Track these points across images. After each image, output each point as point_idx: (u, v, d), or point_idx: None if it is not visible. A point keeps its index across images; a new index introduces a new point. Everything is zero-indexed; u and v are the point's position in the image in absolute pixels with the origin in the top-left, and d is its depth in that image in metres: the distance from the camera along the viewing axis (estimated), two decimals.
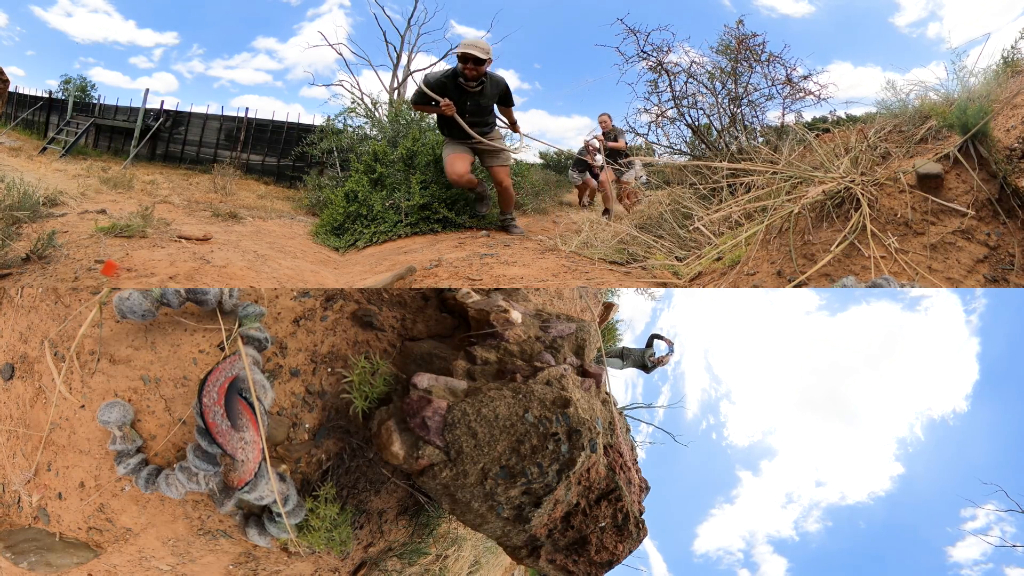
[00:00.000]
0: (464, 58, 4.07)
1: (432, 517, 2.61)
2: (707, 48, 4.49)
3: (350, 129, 8.03)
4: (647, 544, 2.32)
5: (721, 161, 3.65)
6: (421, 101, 4.34)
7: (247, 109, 11.04)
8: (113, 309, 2.00)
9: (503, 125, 4.90)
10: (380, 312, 2.38)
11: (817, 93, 4.12)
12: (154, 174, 8.11)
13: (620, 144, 6.12)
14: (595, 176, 6.71)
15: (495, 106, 4.61)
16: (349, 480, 2.17)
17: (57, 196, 4.90)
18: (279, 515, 1.95)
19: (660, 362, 4.98)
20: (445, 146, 4.64)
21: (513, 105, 4.69)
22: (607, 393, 2.28)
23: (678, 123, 4.51)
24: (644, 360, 4.99)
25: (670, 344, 5.01)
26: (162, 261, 2.97)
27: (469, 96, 4.26)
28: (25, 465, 2.12)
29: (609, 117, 6.46)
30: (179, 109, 10.54)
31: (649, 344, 5.05)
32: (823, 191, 2.47)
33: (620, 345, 5.44)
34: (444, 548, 2.97)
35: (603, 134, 6.30)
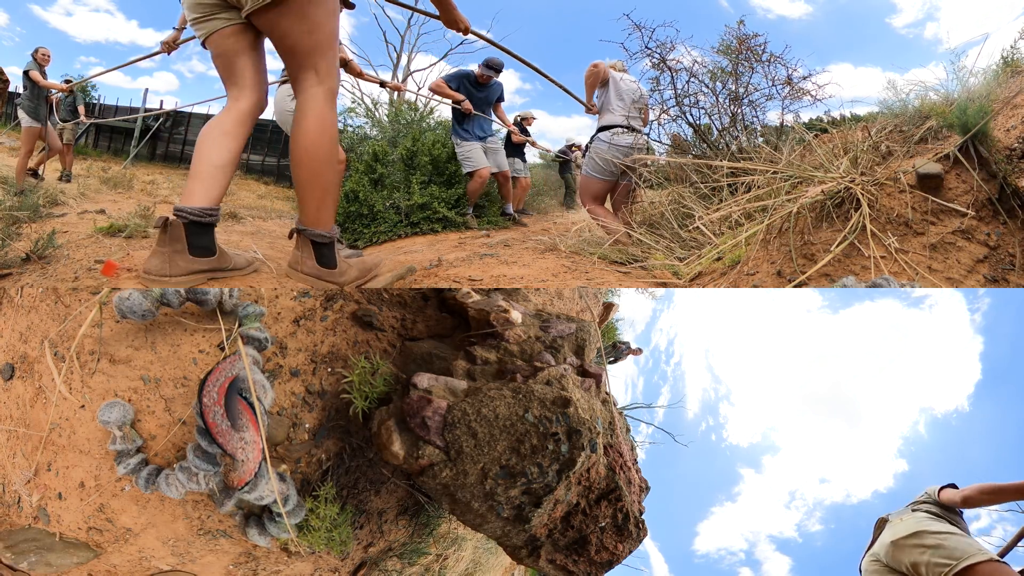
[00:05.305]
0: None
1: (432, 517, 2.61)
2: (707, 48, 4.48)
3: (350, 129, 8.03)
4: (648, 544, 2.32)
5: (721, 161, 3.64)
6: None
7: None
8: (113, 309, 2.00)
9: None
10: (380, 312, 2.38)
11: (814, 93, 4.12)
12: (154, 174, 8.12)
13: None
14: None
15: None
16: (349, 480, 2.17)
17: (57, 196, 4.90)
18: (279, 515, 1.95)
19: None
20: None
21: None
22: (607, 393, 2.28)
23: (679, 122, 4.50)
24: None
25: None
26: None
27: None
28: (25, 465, 2.12)
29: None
30: (179, 109, 10.54)
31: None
32: (823, 191, 2.47)
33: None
34: (444, 548, 2.96)
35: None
